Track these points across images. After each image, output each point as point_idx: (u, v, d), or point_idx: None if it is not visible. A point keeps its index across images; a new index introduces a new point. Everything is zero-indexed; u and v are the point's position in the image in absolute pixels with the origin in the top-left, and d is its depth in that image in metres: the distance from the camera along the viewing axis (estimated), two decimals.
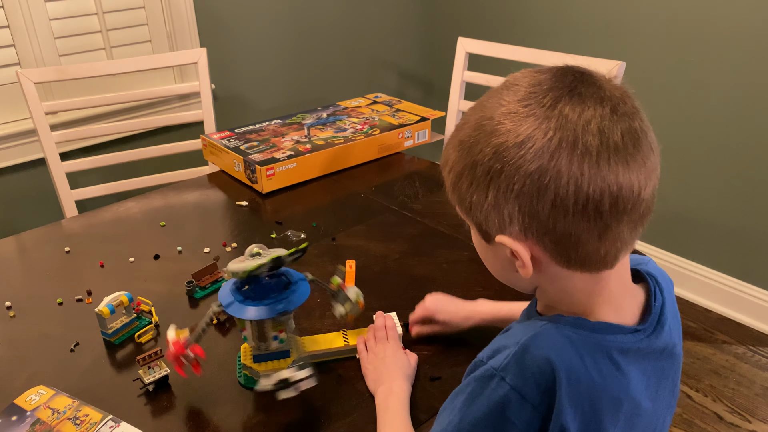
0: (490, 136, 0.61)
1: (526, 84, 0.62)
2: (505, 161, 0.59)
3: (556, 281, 0.65)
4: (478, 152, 0.61)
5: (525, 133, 0.59)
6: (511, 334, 0.67)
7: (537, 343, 0.63)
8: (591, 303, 0.66)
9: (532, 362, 0.61)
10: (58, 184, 1.71)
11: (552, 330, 0.64)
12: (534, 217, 0.60)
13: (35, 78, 1.64)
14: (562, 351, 0.62)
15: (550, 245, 0.62)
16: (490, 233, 0.64)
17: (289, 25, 2.40)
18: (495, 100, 0.63)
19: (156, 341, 1.05)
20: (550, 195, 0.58)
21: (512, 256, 0.64)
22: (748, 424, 1.82)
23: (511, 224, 0.62)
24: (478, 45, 1.82)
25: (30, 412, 0.87)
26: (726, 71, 2.01)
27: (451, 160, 0.65)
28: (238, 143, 1.63)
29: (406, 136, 1.73)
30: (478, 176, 0.62)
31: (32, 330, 1.08)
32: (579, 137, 0.58)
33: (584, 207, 0.58)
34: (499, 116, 0.61)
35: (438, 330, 1.02)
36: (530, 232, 0.61)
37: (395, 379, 0.90)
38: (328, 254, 1.27)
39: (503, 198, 0.61)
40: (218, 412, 0.90)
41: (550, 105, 0.59)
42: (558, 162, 0.58)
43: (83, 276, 1.23)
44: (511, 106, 0.61)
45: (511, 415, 0.61)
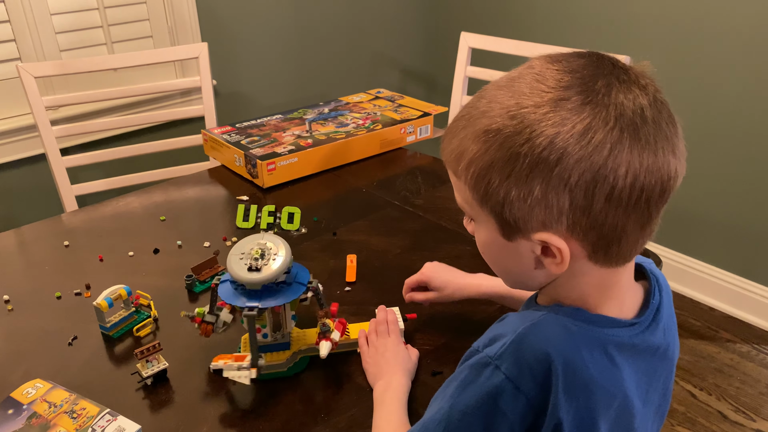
0: (540, 125, 0.56)
1: (566, 69, 0.58)
2: (562, 153, 0.55)
3: (575, 277, 0.63)
4: (523, 143, 0.56)
5: (584, 123, 0.55)
6: (507, 323, 0.65)
7: (534, 332, 0.61)
8: (600, 297, 0.65)
9: (529, 352, 0.60)
10: (59, 179, 1.70)
11: (551, 320, 0.62)
12: (586, 211, 0.57)
13: (36, 72, 1.63)
14: (559, 342, 0.60)
15: (594, 239, 0.59)
16: (524, 230, 0.60)
17: (290, 20, 2.39)
18: (531, 86, 0.58)
19: (155, 335, 1.04)
20: (606, 187, 0.56)
21: (542, 254, 0.61)
22: (753, 422, 1.80)
23: (558, 220, 0.58)
24: (481, 40, 1.80)
25: (26, 405, 0.86)
26: (731, 68, 1.99)
27: (471, 152, 0.60)
28: (239, 138, 1.62)
29: (408, 132, 1.72)
30: (519, 169, 0.57)
31: (30, 324, 1.07)
32: (639, 127, 0.56)
33: (638, 199, 0.57)
34: (548, 104, 0.56)
35: (432, 298, 1.01)
36: (578, 227, 0.58)
37: (394, 374, 0.89)
38: (330, 249, 1.26)
39: (554, 192, 0.57)
40: (217, 406, 0.89)
41: (604, 92, 0.56)
42: (619, 153, 0.55)
43: (82, 270, 1.22)
44: (558, 93, 0.57)
45: (503, 405, 0.59)
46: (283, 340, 0.93)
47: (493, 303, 1.08)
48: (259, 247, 0.89)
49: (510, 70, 0.63)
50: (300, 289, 0.89)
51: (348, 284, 1.14)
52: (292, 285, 0.89)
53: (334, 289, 1.13)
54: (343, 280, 1.16)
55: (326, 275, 1.17)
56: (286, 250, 0.88)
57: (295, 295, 0.88)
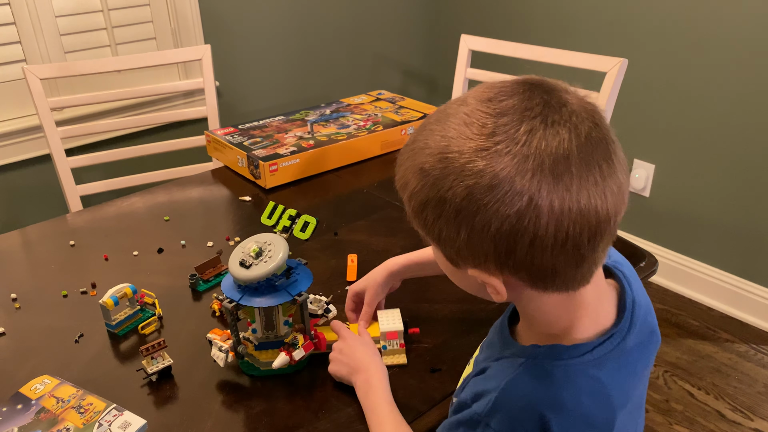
0: (461, 175, 0.56)
1: (493, 112, 0.57)
2: (480, 204, 0.56)
3: (532, 301, 0.64)
4: (447, 189, 0.57)
5: (501, 174, 0.55)
6: (490, 376, 0.65)
7: (517, 386, 0.62)
8: (570, 318, 0.65)
9: (516, 407, 0.61)
10: (63, 179, 1.72)
11: (529, 370, 0.63)
12: (510, 254, 0.58)
13: (41, 74, 1.65)
14: (543, 392, 0.61)
15: (526, 277, 0.60)
16: (459, 265, 0.63)
17: (292, 22, 2.41)
18: (458, 130, 0.58)
19: (159, 333, 1.06)
20: (528, 235, 0.56)
21: (483, 284, 0.63)
22: (750, 422, 1.82)
23: (486, 261, 0.59)
24: (481, 42, 1.82)
25: (35, 400, 0.88)
26: (730, 69, 2.01)
27: (411, 186, 0.61)
28: (242, 139, 1.64)
29: (409, 133, 1.73)
30: (447, 212, 0.58)
31: (37, 321, 1.09)
32: (560, 175, 0.55)
33: (563, 244, 0.56)
34: (469, 152, 0.56)
35: (371, 298, 1.00)
36: (506, 268, 0.59)
37: (368, 367, 0.88)
38: (330, 249, 1.28)
39: (477, 238, 0.58)
40: (220, 402, 0.91)
41: (525, 141, 0.55)
42: (537, 202, 0.55)
43: (88, 269, 1.24)
44: (480, 142, 0.56)
45: None
46: (276, 340, 0.94)
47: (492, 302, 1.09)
48: (258, 245, 0.91)
49: (453, 99, 0.64)
50: (285, 297, 0.89)
51: (349, 284, 1.16)
52: (280, 291, 0.90)
53: (335, 288, 1.15)
54: (344, 279, 1.18)
55: (327, 275, 1.19)
56: (281, 256, 0.89)
57: (277, 302, 0.89)
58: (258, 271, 0.88)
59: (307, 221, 0.93)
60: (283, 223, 0.94)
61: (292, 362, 0.91)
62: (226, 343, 0.93)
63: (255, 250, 0.90)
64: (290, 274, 0.93)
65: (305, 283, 0.92)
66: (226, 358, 0.92)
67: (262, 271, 0.88)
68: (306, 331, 0.94)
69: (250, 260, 0.89)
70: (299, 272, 0.94)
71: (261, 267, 0.88)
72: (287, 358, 0.91)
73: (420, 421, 0.87)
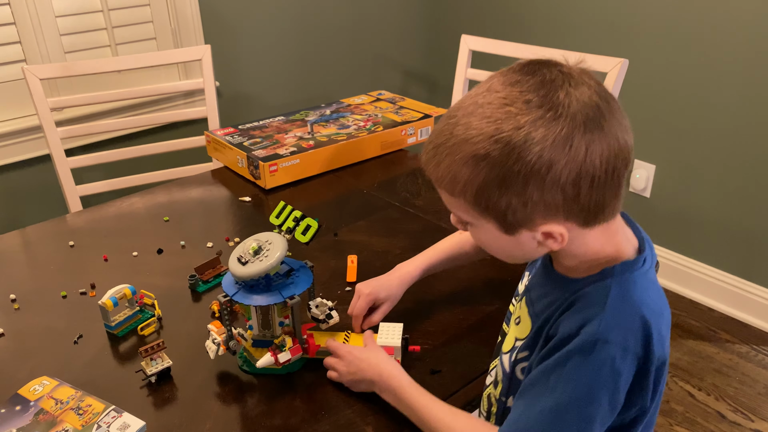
0: (525, 145, 0.65)
1: (529, 90, 0.67)
2: (550, 164, 0.65)
3: (576, 240, 0.72)
4: (514, 162, 0.66)
5: (562, 132, 0.65)
6: (584, 306, 0.71)
7: (618, 300, 0.70)
8: (612, 244, 0.74)
9: (624, 317, 0.69)
10: (63, 180, 1.72)
11: (619, 286, 0.71)
12: (576, 199, 0.68)
13: (41, 74, 1.65)
14: (637, 298, 0.71)
15: (582, 216, 0.70)
16: (528, 227, 0.70)
17: (293, 23, 2.41)
18: (503, 110, 0.67)
19: (158, 334, 1.06)
20: (588, 178, 0.67)
21: (543, 239, 0.71)
22: (751, 423, 1.81)
23: (555, 213, 0.68)
24: (481, 42, 1.82)
25: (33, 402, 0.88)
26: (730, 69, 2.01)
27: (464, 176, 0.68)
28: (242, 139, 1.63)
29: (409, 133, 1.73)
30: (516, 183, 0.66)
31: (36, 322, 1.09)
32: (600, 122, 0.67)
33: (611, 178, 0.68)
34: (527, 125, 0.66)
35: (386, 310, 1.02)
36: (571, 213, 0.69)
37: (381, 371, 0.88)
38: (331, 249, 1.27)
39: (549, 194, 0.67)
40: (220, 403, 0.91)
41: (567, 104, 0.66)
42: (594, 148, 0.66)
43: (87, 269, 1.24)
44: (532, 115, 0.66)
45: (619, 367, 0.68)
46: (272, 339, 0.94)
47: (492, 303, 1.10)
48: (258, 244, 0.91)
49: (469, 92, 0.72)
50: (278, 298, 0.89)
51: (349, 284, 1.16)
52: (274, 291, 0.90)
53: (334, 289, 1.15)
54: (344, 280, 1.17)
55: (327, 275, 1.18)
56: (278, 255, 0.89)
57: (268, 302, 0.89)
58: (253, 268, 0.88)
59: (309, 224, 0.92)
60: (288, 224, 0.94)
61: (276, 364, 0.91)
62: (220, 337, 0.93)
63: (254, 248, 0.90)
64: (290, 275, 0.93)
65: (302, 286, 0.92)
66: (217, 351, 0.93)
67: (257, 269, 0.88)
68: (296, 335, 0.94)
69: (247, 257, 0.89)
70: (300, 275, 0.94)
71: (256, 265, 0.88)
72: (272, 359, 0.90)
73: None
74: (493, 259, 1.20)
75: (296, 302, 0.90)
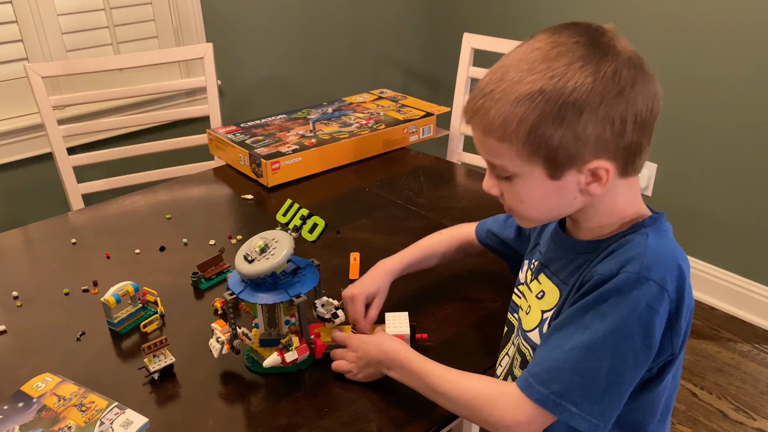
0: (579, 77, 0.69)
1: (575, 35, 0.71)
2: (604, 93, 0.69)
3: (606, 195, 0.75)
4: (570, 93, 0.69)
5: (611, 66, 0.70)
6: (625, 250, 0.73)
7: (658, 244, 0.73)
8: (634, 202, 0.78)
9: (663, 259, 0.72)
10: (65, 178, 1.72)
11: (656, 233, 0.75)
12: (621, 136, 0.71)
13: (43, 72, 1.65)
14: (673, 244, 0.76)
15: (624, 158, 0.73)
16: (577, 164, 0.72)
17: (294, 22, 2.41)
18: (554, 52, 0.70)
19: (161, 331, 1.06)
20: (632, 115, 0.71)
21: (587, 181, 0.73)
22: (753, 421, 1.81)
23: (604, 148, 0.71)
24: (483, 41, 1.82)
25: (36, 398, 0.87)
26: (733, 67, 2.00)
27: (518, 114, 0.70)
28: (244, 137, 1.63)
29: (411, 131, 1.73)
30: (570, 116, 0.69)
31: (39, 319, 1.09)
32: (641, 65, 0.72)
33: (649, 120, 0.72)
34: (579, 60, 0.69)
35: (379, 304, 1.01)
36: (617, 152, 0.72)
37: (386, 350, 0.88)
38: (333, 247, 1.27)
39: (600, 127, 0.70)
40: (223, 400, 0.91)
41: (611, 45, 0.71)
42: (641, 87, 0.71)
43: (89, 267, 1.24)
44: (582, 51, 0.70)
45: (656, 306, 0.70)
46: (279, 338, 0.94)
47: (496, 300, 1.10)
48: (265, 242, 0.90)
49: (507, 54, 0.75)
50: (283, 297, 0.89)
51: (352, 282, 1.16)
52: (280, 290, 0.90)
53: (337, 286, 1.14)
54: (347, 277, 1.17)
55: (330, 273, 1.18)
56: (284, 254, 0.89)
57: (274, 300, 0.88)
58: (259, 266, 0.88)
59: (316, 223, 0.92)
60: (295, 222, 0.94)
61: (283, 364, 0.91)
62: (224, 335, 0.93)
63: (260, 246, 0.90)
64: (297, 274, 0.92)
65: (308, 284, 0.92)
66: (220, 350, 0.93)
67: (263, 267, 0.88)
68: (302, 334, 0.94)
69: (253, 255, 0.89)
70: (306, 273, 0.93)
71: (262, 263, 0.88)
72: (278, 359, 0.90)
73: (425, 418, 0.86)
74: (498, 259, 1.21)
75: (302, 301, 0.90)
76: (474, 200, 1.49)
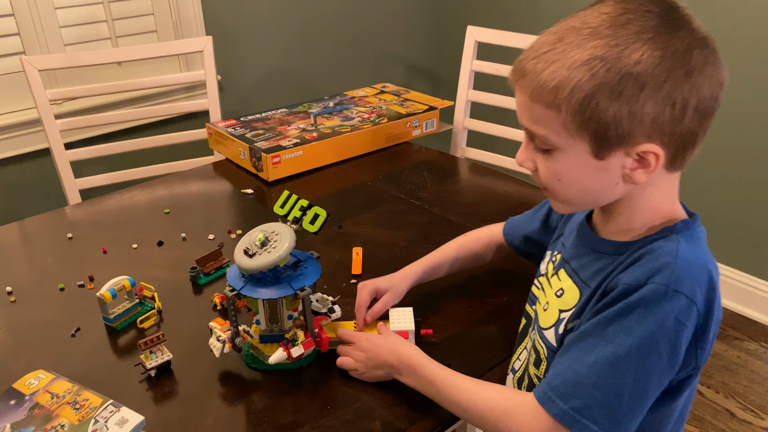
0: (647, 48, 0.63)
1: (646, 6, 0.66)
2: (669, 71, 0.63)
3: (648, 185, 0.70)
4: (634, 64, 0.63)
5: (684, 42, 0.64)
6: (654, 258, 0.68)
7: (688, 253, 0.68)
8: (670, 201, 0.73)
9: (694, 269, 0.67)
10: (63, 173, 1.69)
11: (687, 240, 0.70)
12: (680, 121, 0.66)
13: (40, 65, 1.62)
14: (704, 252, 0.70)
15: (676, 147, 0.67)
16: (628, 144, 0.66)
17: (294, 15, 2.38)
18: (624, 18, 0.65)
19: (158, 327, 1.03)
20: (695, 100, 0.65)
21: (633, 165, 0.68)
22: (761, 420, 1.78)
23: (660, 131, 0.66)
24: (488, 34, 1.79)
25: (29, 396, 0.85)
26: (734, 65, 1.98)
27: (574, 80, 0.65)
28: (244, 131, 1.61)
29: (414, 126, 1.70)
30: (630, 89, 0.63)
31: (33, 315, 1.06)
32: (715, 48, 0.67)
33: (711, 108, 0.67)
34: (650, 30, 0.64)
35: (388, 300, 0.98)
36: (672, 137, 0.66)
37: (400, 354, 0.85)
38: (335, 242, 1.24)
39: (660, 107, 0.64)
40: (222, 398, 0.88)
41: (685, 21, 0.66)
42: (711, 71, 0.66)
43: (86, 262, 1.21)
44: (655, 20, 0.64)
45: (683, 320, 0.66)
46: (281, 333, 0.91)
47: (501, 296, 1.07)
48: (265, 235, 0.88)
49: (566, 18, 0.69)
50: (287, 290, 0.86)
51: (354, 277, 1.13)
52: (283, 284, 0.87)
53: (339, 281, 1.12)
54: (349, 272, 1.15)
55: (332, 268, 1.16)
56: (286, 246, 0.86)
57: (278, 294, 0.86)
58: (261, 260, 0.85)
59: (318, 213, 0.89)
60: (294, 214, 0.91)
61: (289, 359, 0.88)
62: (225, 334, 0.90)
63: (260, 239, 0.87)
64: (298, 267, 0.90)
65: (311, 277, 0.89)
66: (222, 349, 0.90)
67: (264, 261, 0.85)
68: (308, 328, 0.91)
69: (254, 249, 0.86)
70: (308, 266, 0.91)
71: (264, 257, 0.85)
72: (284, 355, 0.88)
73: (430, 417, 0.83)
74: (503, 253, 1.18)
75: (307, 294, 0.87)
76: (478, 195, 1.46)
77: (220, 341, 0.90)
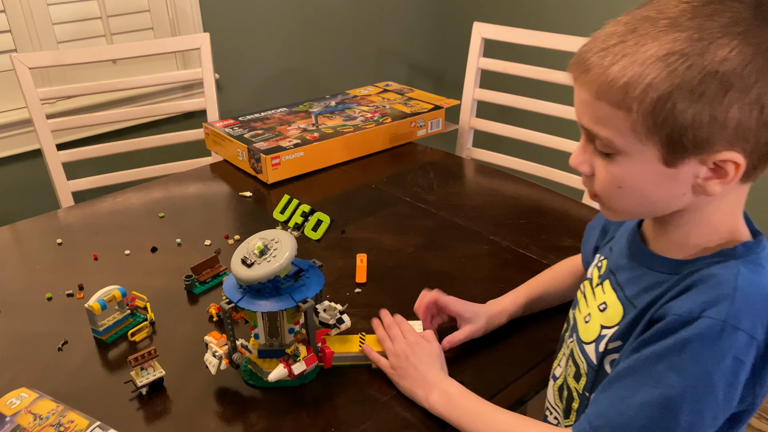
0: (736, 44, 0.56)
1: None
2: (762, 71, 0.56)
3: (712, 203, 0.64)
4: (720, 61, 0.56)
5: None
6: (710, 287, 0.62)
7: (749, 282, 0.61)
8: (733, 217, 0.66)
9: (756, 301, 0.60)
10: (54, 174, 1.63)
11: (749, 267, 0.62)
12: (766, 127, 0.58)
13: (30, 63, 1.56)
14: (766, 284, 0.62)
15: (755, 157, 0.60)
16: (707, 151, 0.59)
17: (294, 12, 2.32)
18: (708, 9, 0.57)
19: (151, 340, 0.97)
20: None
21: (707, 178, 0.61)
22: None
23: (744, 138, 0.58)
24: (495, 30, 1.73)
25: (9, 417, 0.79)
26: None
27: (648, 77, 0.57)
28: (242, 131, 1.55)
29: (419, 125, 1.64)
30: (714, 89, 0.56)
31: (17, 327, 1.00)
32: None
33: None
34: (741, 23, 0.56)
35: (468, 333, 0.90)
36: (757, 145, 0.59)
37: (440, 380, 0.80)
38: (338, 248, 1.18)
39: (747, 111, 0.57)
40: (218, 417, 0.82)
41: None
42: None
43: (75, 269, 1.15)
44: (745, 12, 0.57)
45: (742, 357, 0.60)
46: (281, 348, 0.85)
47: None
48: (264, 243, 0.82)
49: (638, 7, 0.61)
50: (289, 303, 0.80)
51: (358, 285, 1.07)
52: (284, 295, 0.81)
53: (343, 290, 1.06)
54: (353, 281, 1.08)
55: (335, 276, 1.09)
56: (287, 256, 0.80)
57: (279, 307, 0.80)
58: (259, 271, 0.79)
59: (320, 219, 0.83)
60: (295, 220, 0.84)
61: (290, 376, 0.82)
62: (221, 349, 0.84)
63: (259, 248, 0.81)
64: (299, 277, 0.84)
65: (314, 288, 0.83)
66: (218, 365, 0.84)
67: (264, 272, 0.79)
68: (310, 343, 0.85)
69: (252, 258, 0.80)
70: (310, 275, 0.85)
71: (263, 267, 0.79)
72: (285, 371, 0.81)
73: None
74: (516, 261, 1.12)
75: (310, 306, 0.81)
76: (487, 197, 1.40)
77: (216, 357, 0.84)
